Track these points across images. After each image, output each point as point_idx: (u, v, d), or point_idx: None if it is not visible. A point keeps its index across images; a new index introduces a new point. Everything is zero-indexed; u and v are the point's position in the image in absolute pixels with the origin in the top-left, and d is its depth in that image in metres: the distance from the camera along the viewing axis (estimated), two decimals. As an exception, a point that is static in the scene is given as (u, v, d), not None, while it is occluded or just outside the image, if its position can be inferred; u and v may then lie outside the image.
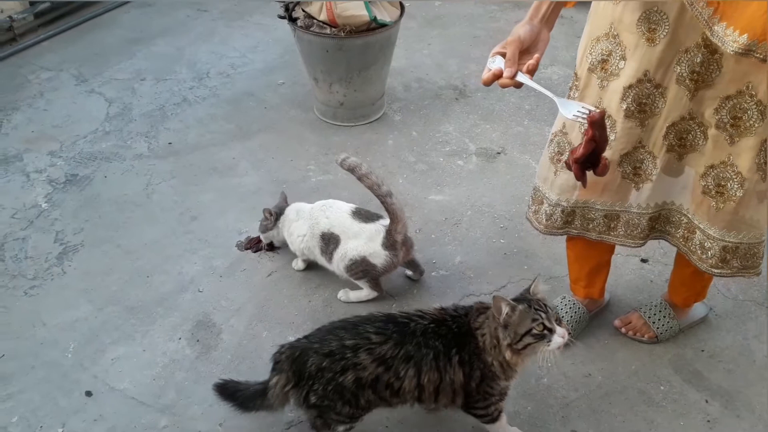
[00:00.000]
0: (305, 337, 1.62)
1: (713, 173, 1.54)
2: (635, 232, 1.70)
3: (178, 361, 1.94)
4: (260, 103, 3.15)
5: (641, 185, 1.63)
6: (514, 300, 1.51)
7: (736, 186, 1.52)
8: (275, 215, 2.21)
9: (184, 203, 2.54)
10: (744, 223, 1.58)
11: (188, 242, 2.36)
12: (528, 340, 1.45)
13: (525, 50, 1.33)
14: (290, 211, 2.22)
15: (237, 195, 2.57)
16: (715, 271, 1.66)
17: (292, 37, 2.86)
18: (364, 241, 2.04)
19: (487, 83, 1.32)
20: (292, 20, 2.75)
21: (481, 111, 3.11)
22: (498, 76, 1.29)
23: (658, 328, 1.97)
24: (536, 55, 1.30)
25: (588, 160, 1.31)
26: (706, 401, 1.84)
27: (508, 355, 1.48)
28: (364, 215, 2.09)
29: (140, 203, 2.54)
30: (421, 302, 2.13)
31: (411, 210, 2.52)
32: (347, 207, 2.12)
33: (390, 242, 2.03)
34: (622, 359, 1.95)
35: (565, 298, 2.04)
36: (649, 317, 1.99)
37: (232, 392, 1.67)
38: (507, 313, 1.46)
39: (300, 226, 2.16)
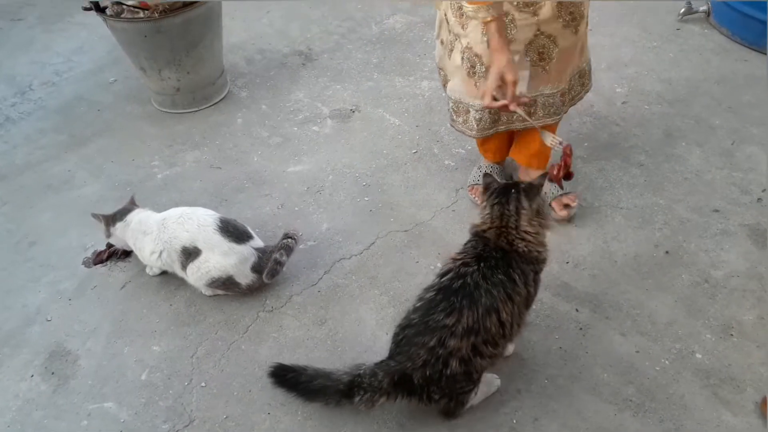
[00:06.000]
0: (389, 358, 1.54)
1: None
2: (552, 110, 1.95)
3: (33, 400, 1.77)
4: (93, 106, 2.90)
5: (547, 66, 1.85)
6: (498, 196, 1.59)
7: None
8: (105, 219, 2.04)
9: (20, 230, 2.30)
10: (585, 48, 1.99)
11: (29, 270, 2.14)
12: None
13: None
14: (133, 219, 2.01)
15: (77, 209, 2.36)
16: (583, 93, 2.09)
17: (109, 29, 2.63)
18: (234, 262, 1.90)
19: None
20: (101, 10, 2.52)
21: (329, 72, 3.01)
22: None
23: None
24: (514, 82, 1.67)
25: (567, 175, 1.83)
26: (577, 310, 1.89)
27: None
28: (233, 232, 1.92)
29: (-31, 240, 2.28)
30: (293, 280, 2.04)
31: (271, 186, 2.41)
32: (211, 219, 1.93)
33: (261, 267, 1.93)
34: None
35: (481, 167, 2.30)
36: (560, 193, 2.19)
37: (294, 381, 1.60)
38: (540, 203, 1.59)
39: (151, 241, 1.96)
